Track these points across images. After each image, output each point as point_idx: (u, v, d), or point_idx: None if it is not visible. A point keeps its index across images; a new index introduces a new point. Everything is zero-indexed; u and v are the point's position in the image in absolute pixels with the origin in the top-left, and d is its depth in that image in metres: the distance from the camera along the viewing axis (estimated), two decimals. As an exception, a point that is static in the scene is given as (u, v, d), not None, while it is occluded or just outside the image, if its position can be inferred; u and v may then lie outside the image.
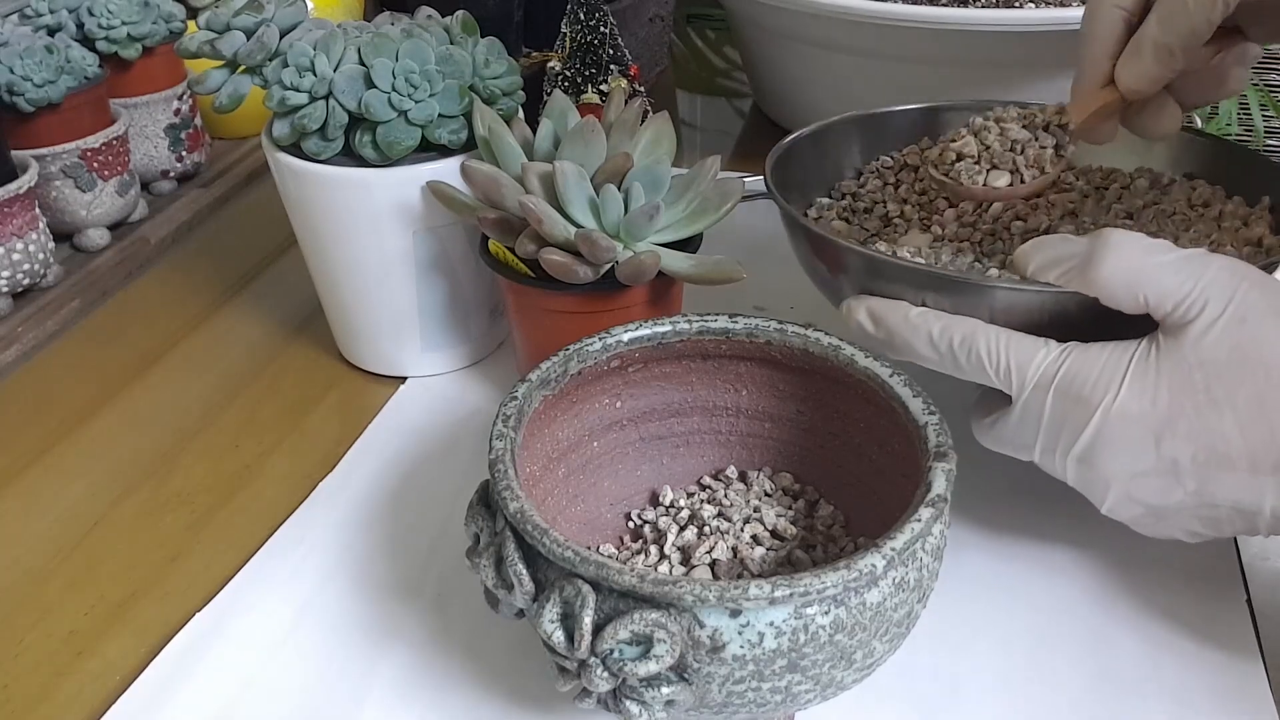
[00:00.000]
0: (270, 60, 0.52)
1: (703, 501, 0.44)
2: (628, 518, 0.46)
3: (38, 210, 0.64)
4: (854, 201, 0.56)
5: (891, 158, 0.59)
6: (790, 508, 0.44)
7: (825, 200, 0.57)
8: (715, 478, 0.46)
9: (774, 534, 0.43)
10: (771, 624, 0.32)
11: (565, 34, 0.68)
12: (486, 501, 0.38)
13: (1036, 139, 0.48)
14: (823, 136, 0.57)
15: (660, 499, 0.46)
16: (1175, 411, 0.37)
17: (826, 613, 0.32)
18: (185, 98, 0.76)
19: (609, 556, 0.43)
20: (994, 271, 0.47)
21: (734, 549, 0.42)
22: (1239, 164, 0.53)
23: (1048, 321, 0.41)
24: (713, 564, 0.42)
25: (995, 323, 0.41)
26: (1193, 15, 0.42)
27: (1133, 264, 0.37)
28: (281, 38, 0.52)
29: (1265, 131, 1.53)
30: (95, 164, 0.69)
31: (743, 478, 0.46)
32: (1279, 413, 0.36)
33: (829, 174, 0.58)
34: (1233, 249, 0.48)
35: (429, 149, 0.53)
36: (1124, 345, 0.38)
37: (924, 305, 0.42)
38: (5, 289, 0.63)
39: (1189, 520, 0.39)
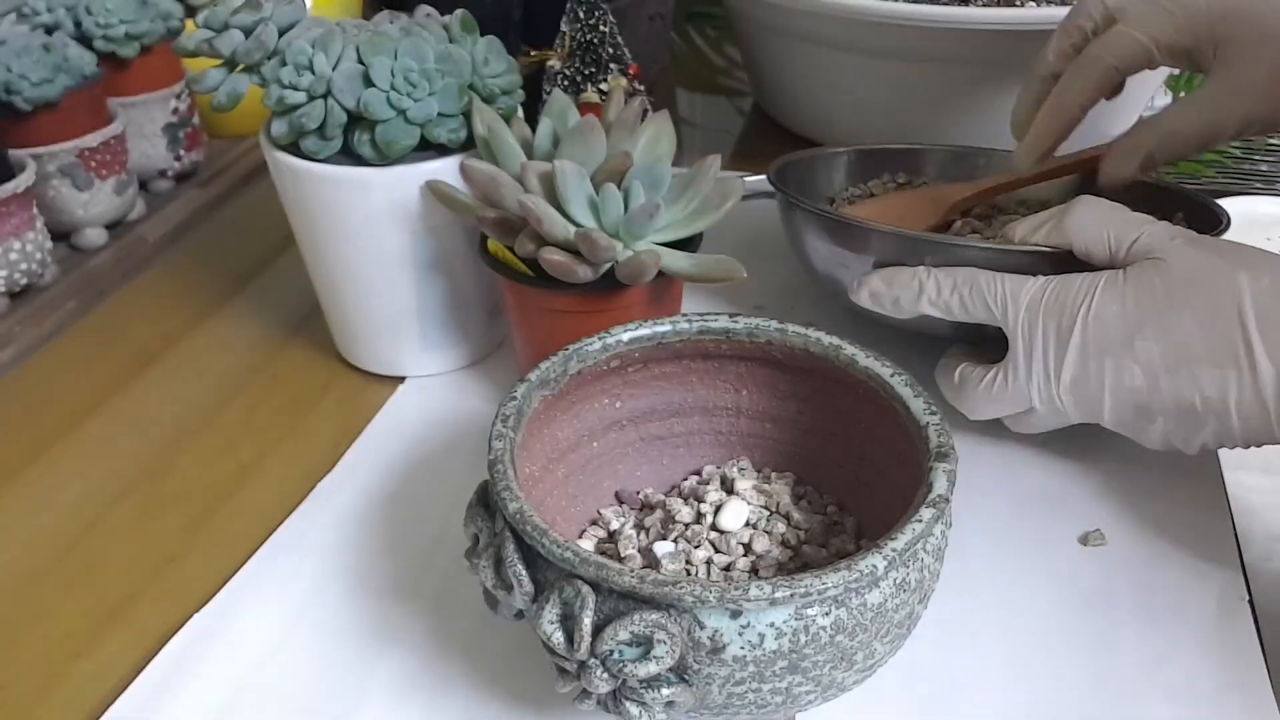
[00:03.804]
0: (268, 59, 0.52)
1: (702, 501, 0.44)
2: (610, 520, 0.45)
3: (35, 210, 0.64)
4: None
5: (860, 188, 0.65)
6: (791, 508, 0.44)
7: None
8: (715, 478, 0.46)
9: (774, 535, 0.43)
10: (772, 625, 0.32)
11: (565, 32, 0.68)
12: (486, 502, 0.38)
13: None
14: (815, 162, 0.64)
15: (660, 499, 0.45)
16: (1143, 315, 0.43)
17: (827, 613, 0.32)
18: (183, 96, 0.76)
19: (608, 557, 0.42)
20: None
21: (734, 549, 0.42)
22: (1151, 194, 0.58)
23: None
24: (710, 564, 0.41)
25: None
26: (1187, 148, 0.51)
27: (1100, 211, 0.46)
28: (280, 36, 0.52)
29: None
30: (93, 163, 0.68)
31: (743, 478, 0.46)
32: (1231, 318, 0.42)
33: (815, 195, 0.65)
34: None
35: (428, 148, 0.52)
36: (1098, 273, 0.45)
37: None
38: (2, 288, 0.63)
39: (1174, 423, 0.44)
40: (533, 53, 0.69)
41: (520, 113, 0.55)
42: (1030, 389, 0.46)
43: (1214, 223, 0.55)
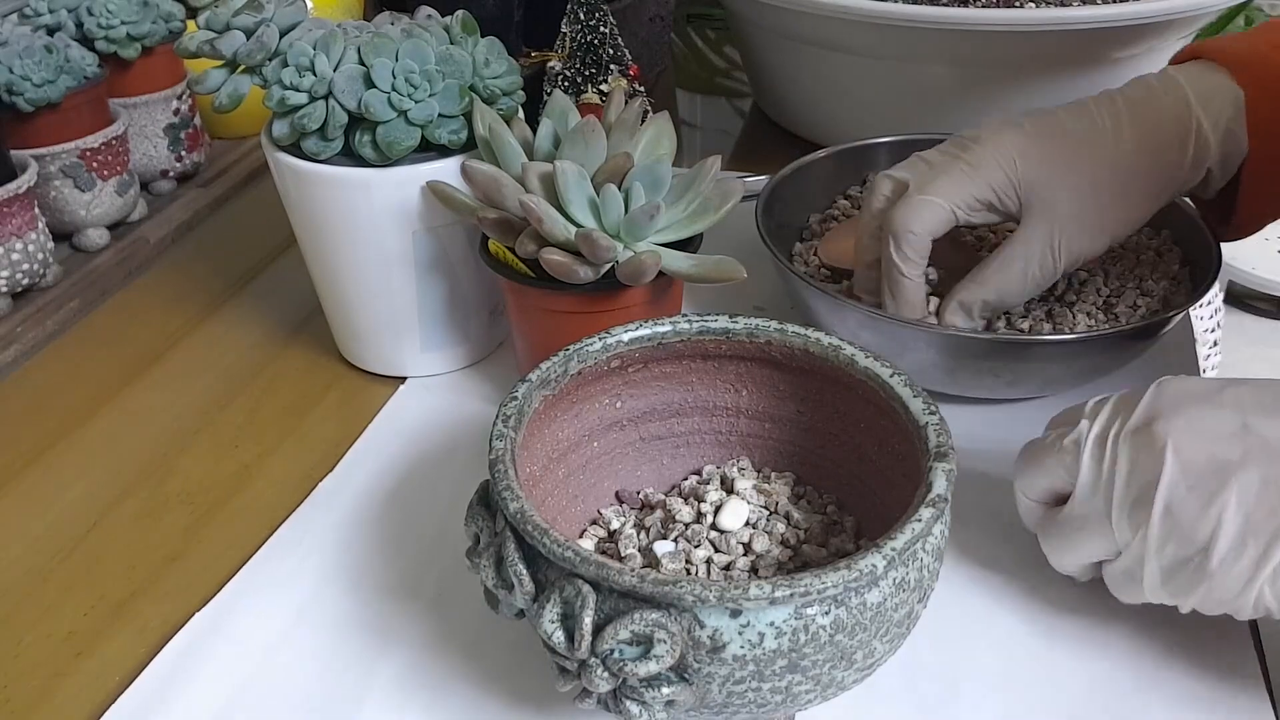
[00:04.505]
0: (270, 60, 0.52)
1: (702, 501, 0.44)
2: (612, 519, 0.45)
3: (37, 210, 0.64)
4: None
5: (848, 198, 0.65)
6: (790, 508, 0.44)
7: (799, 247, 0.62)
8: (714, 478, 0.46)
9: (773, 534, 0.43)
10: (772, 624, 0.32)
11: (565, 34, 0.68)
12: (486, 501, 0.38)
13: None
14: (800, 175, 0.63)
15: (660, 498, 0.45)
16: (1212, 381, 0.39)
17: (827, 613, 0.32)
18: (185, 97, 0.76)
19: (608, 556, 0.43)
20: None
21: (734, 549, 0.42)
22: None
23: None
24: (710, 564, 0.42)
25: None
26: (1022, 294, 0.51)
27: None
28: (281, 37, 0.52)
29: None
30: (94, 164, 0.69)
31: (743, 478, 0.46)
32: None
33: (811, 206, 0.65)
34: (1153, 282, 0.55)
35: (429, 149, 0.52)
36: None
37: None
38: (5, 289, 0.63)
39: (1256, 487, 0.36)
40: (533, 54, 0.69)
41: (521, 114, 0.55)
42: (1089, 456, 0.39)
43: (1205, 249, 0.55)
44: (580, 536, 0.44)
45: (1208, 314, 1.07)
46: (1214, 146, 0.50)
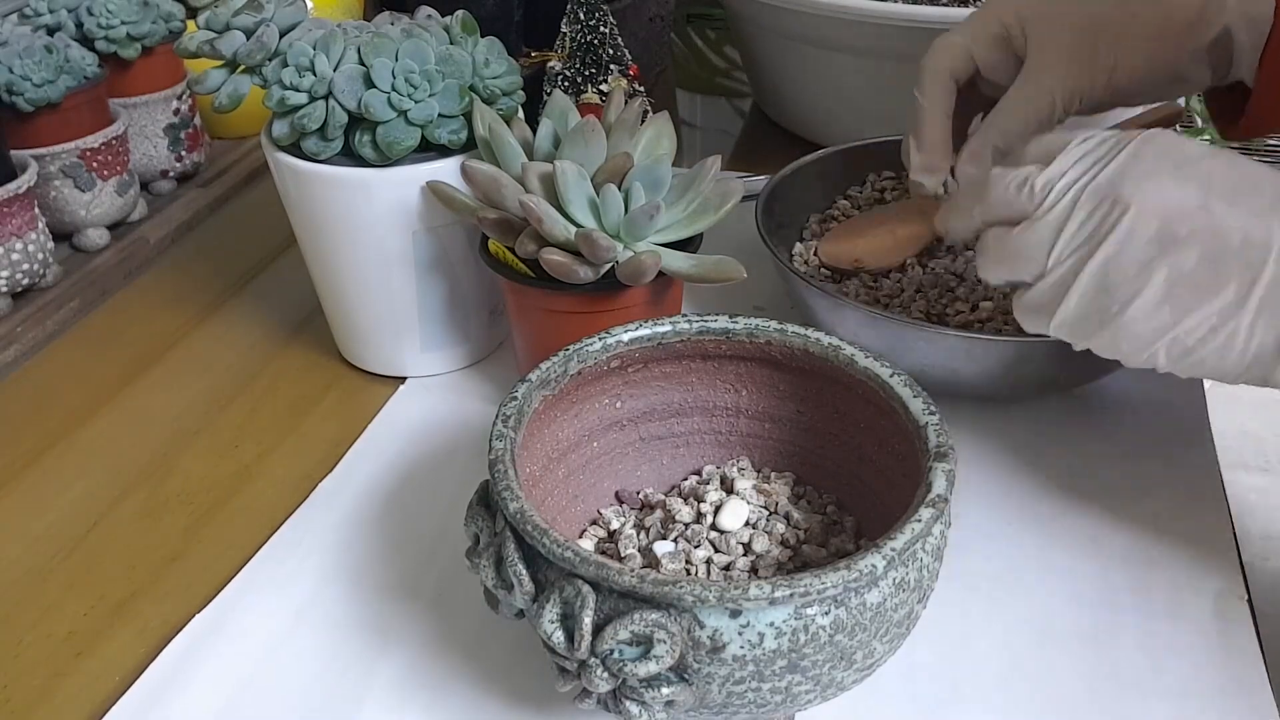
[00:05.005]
0: (270, 60, 0.52)
1: (702, 501, 0.44)
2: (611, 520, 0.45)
3: (37, 210, 0.64)
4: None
5: (848, 198, 0.65)
6: (790, 508, 0.44)
7: (799, 247, 0.62)
8: (715, 478, 0.46)
9: (773, 534, 0.43)
10: (771, 624, 0.32)
11: (565, 34, 0.68)
12: (486, 502, 0.38)
13: None
14: (800, 175, 0.63)
15: (660, 499, 0.45)
16: (1196, 149, 0.40)
17: (826, 613, 0.32)
18: (184, 97, 0.76)
19: (608, 557, 0.43)
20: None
21: (734, 549, 0.42)
22: None
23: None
24: (710, 564, 0.42)
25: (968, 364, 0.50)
26: (1025, 132, 0.50)
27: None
28: (281, 37, 0.52)
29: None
30: (94, 164, 0.69)
31: (743, 478, 0.46)
32: None
33: (811, 206, 0.64)
34: None
35: (429, 149, 0.52)
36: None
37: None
38: (5, 289, 0.63)
39: (1188, 271, 0.38)
40: (533, 54, 0.69)
41: (521, 114, 0.55)
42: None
43: None
44: (580, 536, 0.44)
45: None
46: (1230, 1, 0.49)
